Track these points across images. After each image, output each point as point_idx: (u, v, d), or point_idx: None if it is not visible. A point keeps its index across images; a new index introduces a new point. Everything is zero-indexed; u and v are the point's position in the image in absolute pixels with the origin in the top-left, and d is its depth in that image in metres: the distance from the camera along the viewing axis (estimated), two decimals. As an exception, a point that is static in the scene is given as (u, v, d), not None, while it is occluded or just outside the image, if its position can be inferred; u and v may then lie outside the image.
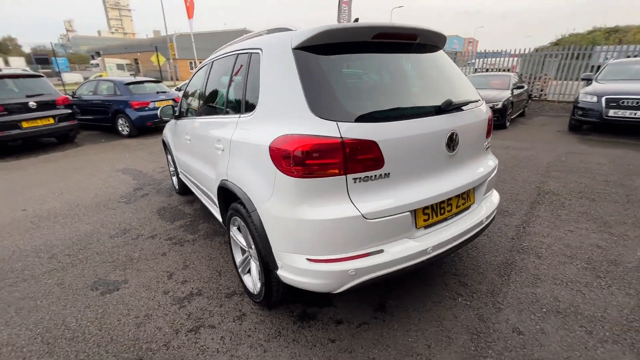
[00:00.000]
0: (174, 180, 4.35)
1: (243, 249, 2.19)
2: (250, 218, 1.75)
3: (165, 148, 4.30)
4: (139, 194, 4.41)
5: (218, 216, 2.58)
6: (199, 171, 2.83)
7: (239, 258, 2.29)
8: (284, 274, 1.67)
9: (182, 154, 3.43)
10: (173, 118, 3.59)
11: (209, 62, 2.85)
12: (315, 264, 1.55)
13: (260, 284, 1.95)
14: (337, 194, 1.49)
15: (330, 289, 1.59)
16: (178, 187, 4.20)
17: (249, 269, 2.19)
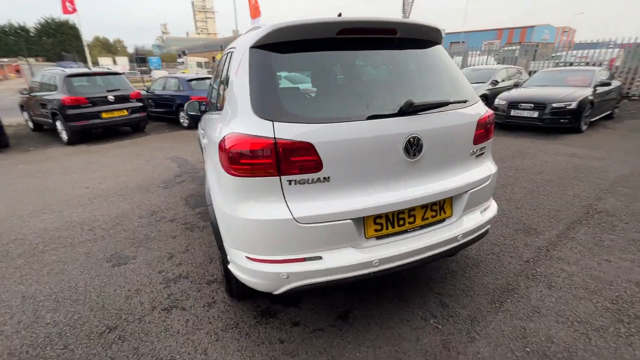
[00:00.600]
0: (205, 170, 4.73)
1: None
2: (208, 212, 1.83)
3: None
4: (177, 180, 4.89)
5: None
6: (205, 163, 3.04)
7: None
8: (232, 269, 1.72)
9: (202, 147, 3.71)
10: (199, 113, 3.89)
11: (222, 57, 3.01)
12: (252, 262, 1.57)
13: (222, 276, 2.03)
14: (272, 195, 1.48)
15: (268, 289, 1.59)
16: (206, 177, 4.55)
17: (226, 259, 2.29)
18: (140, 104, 8.10)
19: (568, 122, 6.60)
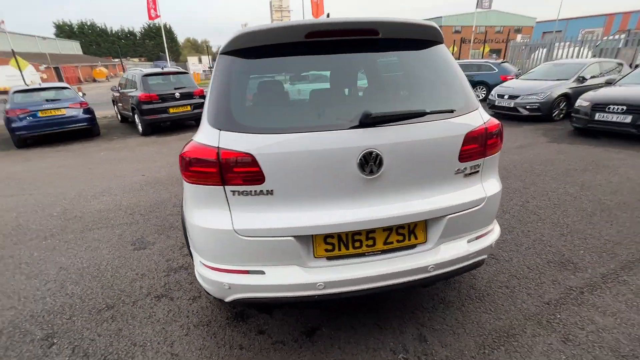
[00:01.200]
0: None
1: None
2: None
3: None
4: (216, 174, 5.25)
5: None
6: None
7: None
8: (195, 271, 1.78)
9: None
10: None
11: None
12: (204, 268, 1.60)
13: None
14: (219, 204, 1.47)
15: (219, 296, 1.60)
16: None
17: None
18: (203, 101, 8.86)
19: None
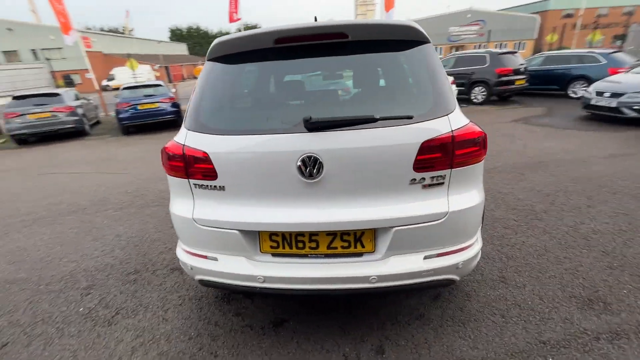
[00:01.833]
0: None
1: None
2: None
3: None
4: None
5: None
6: None
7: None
8: None
9: None
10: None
11: None
12: (179, 249, 1.84)
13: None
14: (187, 195, 1.68)
15: (189, 275, 1.83)
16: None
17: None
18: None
19: None
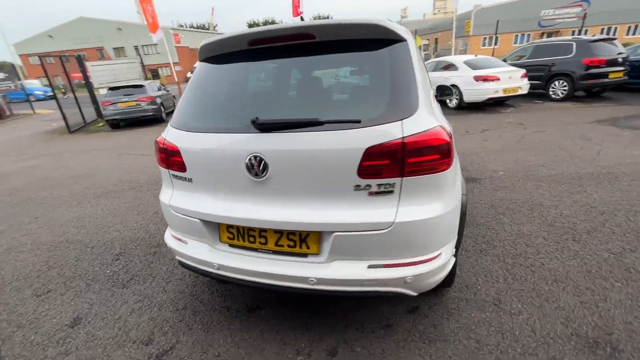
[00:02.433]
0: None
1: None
2: None
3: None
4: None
5: None
6: None
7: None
8: None
9: None
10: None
11: None
12: (166, 232, 2.06)
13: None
14: (169, 184, 1.88)
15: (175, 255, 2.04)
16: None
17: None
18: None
19: None
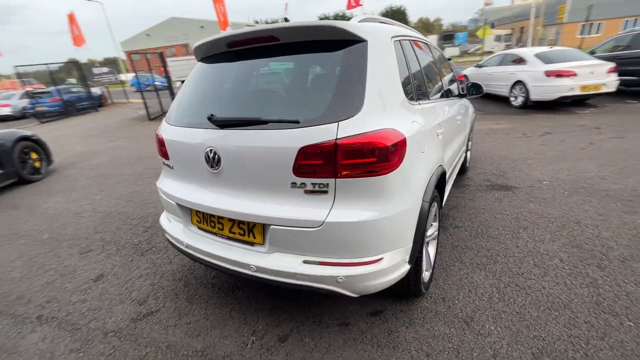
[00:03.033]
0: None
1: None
2: None
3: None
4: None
5: None
6: None
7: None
8: None
9: None
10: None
11: None
12: (163, 212, 2.34)
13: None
14: (162, 170, 2.15)
15: None
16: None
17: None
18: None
19: None
